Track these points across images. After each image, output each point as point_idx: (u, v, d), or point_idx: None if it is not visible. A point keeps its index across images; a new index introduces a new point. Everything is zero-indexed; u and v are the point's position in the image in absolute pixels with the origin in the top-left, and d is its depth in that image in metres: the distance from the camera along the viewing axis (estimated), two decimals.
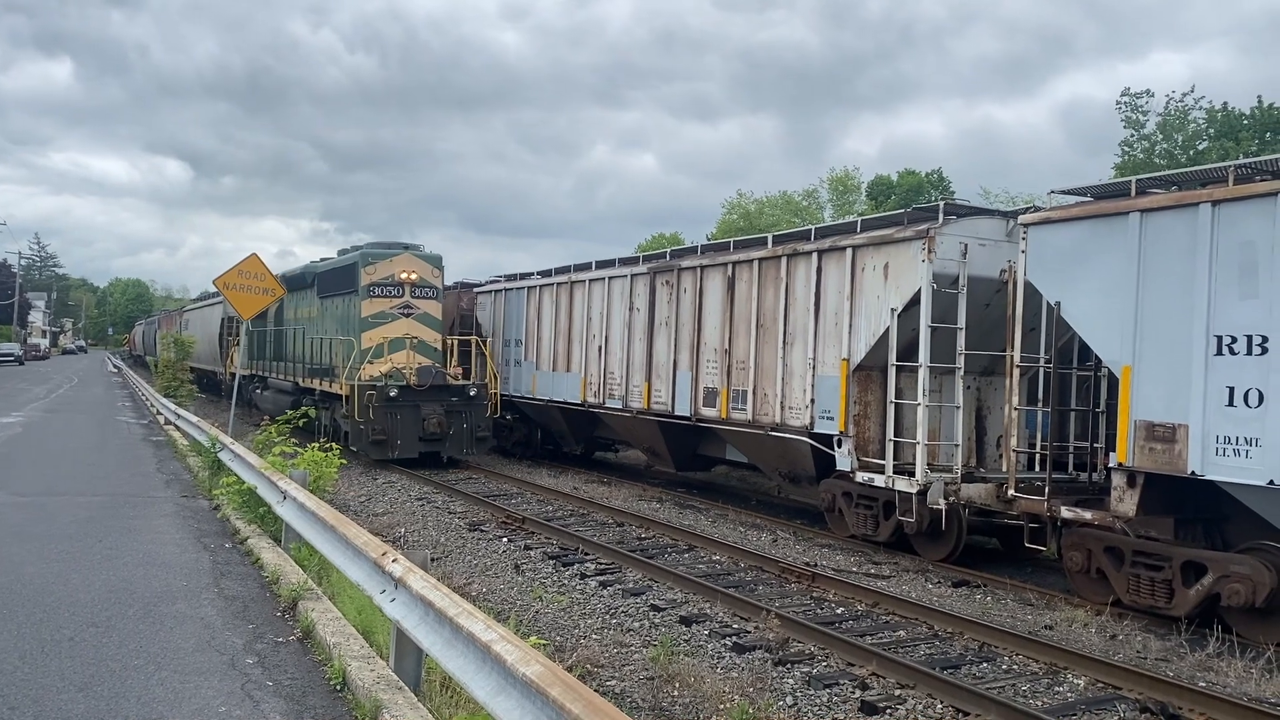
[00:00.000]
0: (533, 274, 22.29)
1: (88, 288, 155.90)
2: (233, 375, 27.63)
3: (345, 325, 20.85)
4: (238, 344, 28.82)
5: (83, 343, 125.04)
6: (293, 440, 14.46)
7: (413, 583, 6.20)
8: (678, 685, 7.47)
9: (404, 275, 20.41)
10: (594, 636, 8.86)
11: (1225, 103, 37.84)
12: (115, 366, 71.83)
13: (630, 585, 10.74)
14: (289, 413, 16.37)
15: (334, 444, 13.69)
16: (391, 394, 19.03)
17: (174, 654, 7.04)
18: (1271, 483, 8.38)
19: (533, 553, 12.38)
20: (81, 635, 7.42)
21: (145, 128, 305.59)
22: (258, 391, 27.91)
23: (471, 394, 19.93)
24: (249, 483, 12.42)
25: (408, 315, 20.42)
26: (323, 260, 24.29)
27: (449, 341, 21.51)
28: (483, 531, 13.75)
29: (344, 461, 13.68)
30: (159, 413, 28.69)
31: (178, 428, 23.25)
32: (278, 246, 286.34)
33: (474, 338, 21.96)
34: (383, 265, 20.36)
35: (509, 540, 13.12)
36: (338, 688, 6.44)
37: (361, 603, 7.77)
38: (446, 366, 20.74)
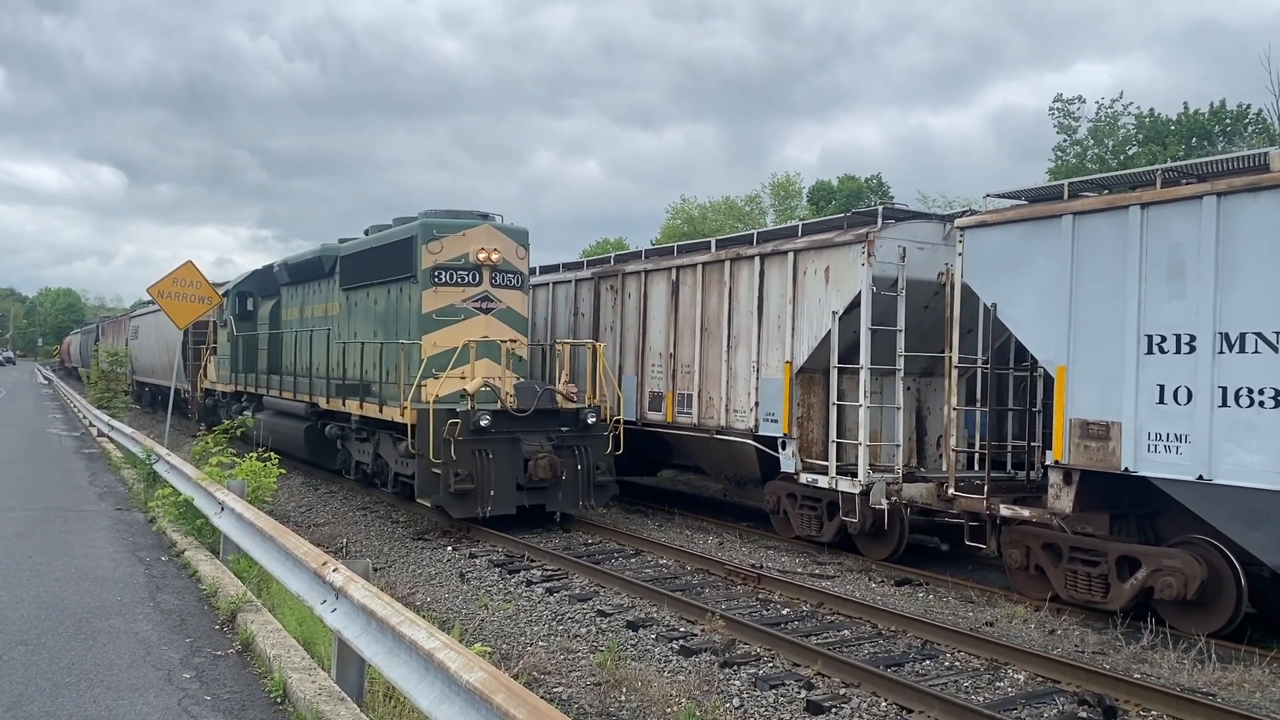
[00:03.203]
0: None
1: (16, 298, 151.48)
2: (206, 391, 25.97)
3: (394, 325, 15.29)
4: (212, 352, 25.48)
5: (11, 354, 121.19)
6: (230, 450, 14.18)
7: (354, 592, 6.12)
8: (625, 690, 7.46)
9: (482, 255, 14.37)
10: (541, 643, 8.81)
11: (1152, 109, 38.79)
12: (46, 378, 69.82)
13: (577, 591, 10.70)
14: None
15: (378, 485, 10.88)
16: (482, 423, 13.40)
17: (108, 670, 6.87)
18: (1200, 477, 8.60)
19: (478, 561, 12.28)
20: (9, 654, 7.20)
21: (79, 135, 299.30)
22: (246, 414, 21.31)
23: (590, 422, 14.30)
24: (185, 494, 12.19)
25: (487, 311, 14.53)
26: (344, 241, 18.04)
27: (560, 349, 16.42)
28: (427, 540, 13.60)
29: (283, 471, 13.44)
30: (92, 425, 27.98)
31: (111, 440, 22.69)
32: (215, 254, 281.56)
33: (591, 343, 15.96)
34: (452, 241, 14.38)
35: (454, 549, 12.99)
36: (278, 700, 6.33)
37: (302, 614, 7.65)
38: (556, 382, 15.28)
